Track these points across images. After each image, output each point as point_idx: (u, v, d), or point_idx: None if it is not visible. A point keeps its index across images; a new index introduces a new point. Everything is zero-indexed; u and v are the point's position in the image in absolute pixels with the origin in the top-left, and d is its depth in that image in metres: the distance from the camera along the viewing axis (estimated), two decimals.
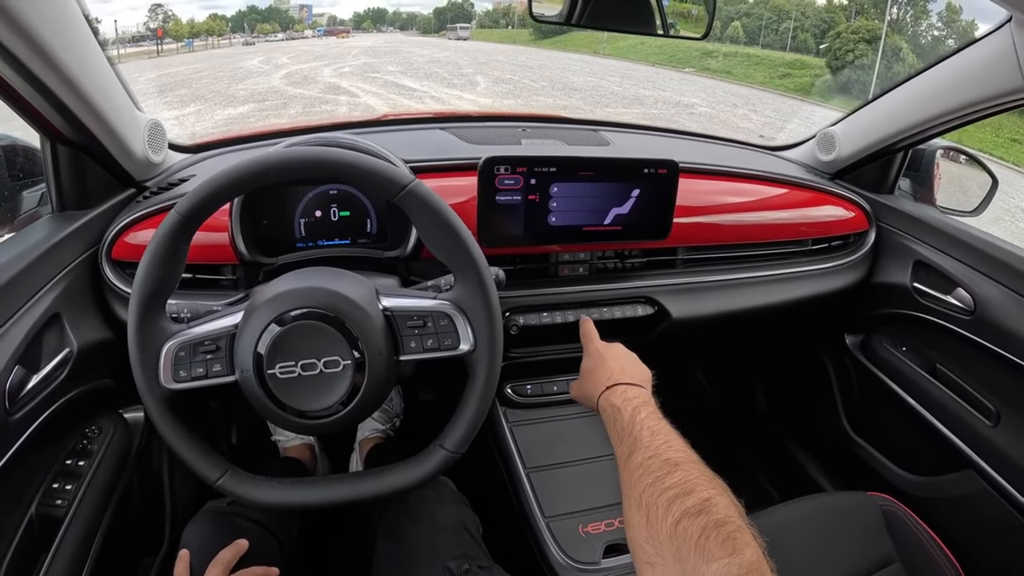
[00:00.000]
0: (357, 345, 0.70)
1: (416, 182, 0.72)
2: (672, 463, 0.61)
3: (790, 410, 1.74)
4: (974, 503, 1.15)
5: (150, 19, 57.76)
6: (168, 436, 0.72)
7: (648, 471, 0.61)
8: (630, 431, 0.69)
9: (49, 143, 0.94)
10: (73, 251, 0.95)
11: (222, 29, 63.36)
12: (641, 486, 0.60)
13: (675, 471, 0.59)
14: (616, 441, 0.71)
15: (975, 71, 1.06)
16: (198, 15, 67.81)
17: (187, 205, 0.69)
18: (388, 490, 0.75)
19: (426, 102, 15.48)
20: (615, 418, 0.73)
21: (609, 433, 0.74)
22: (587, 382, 0.86)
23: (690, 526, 0.52)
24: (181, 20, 61.35)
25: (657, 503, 0.56)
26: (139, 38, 47.15)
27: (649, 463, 0.62)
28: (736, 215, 1.24)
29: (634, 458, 0.64)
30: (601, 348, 0.91)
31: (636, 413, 0.71)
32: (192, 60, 28.42)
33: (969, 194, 1.37)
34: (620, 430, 0.71)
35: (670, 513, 0.54)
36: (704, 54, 34.01)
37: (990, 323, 1.11)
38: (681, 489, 0.56)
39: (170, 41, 45.86)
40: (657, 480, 0.59)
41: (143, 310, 0.70)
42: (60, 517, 0.90)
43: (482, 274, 0.74)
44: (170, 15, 59.43)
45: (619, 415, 0.73)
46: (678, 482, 0.57)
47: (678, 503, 0.55)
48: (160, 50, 38.44)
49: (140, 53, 35.64)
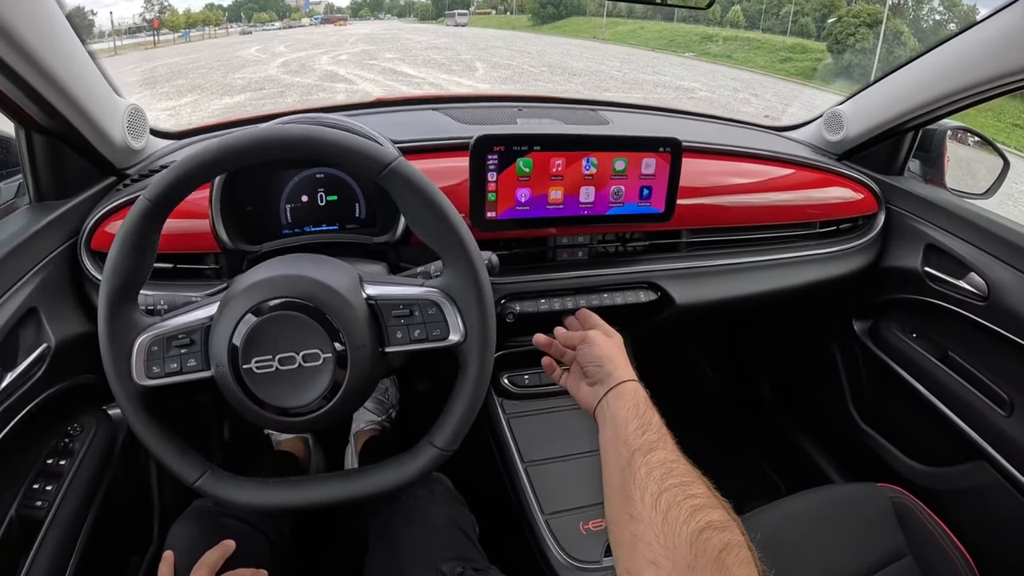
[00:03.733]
0: (339, 337, 0.66)
1: (400, 160, 0.68)
2: (695, 476, 0.60)
3: (797, 399, 1.72)
4: (986, 495, 1.12)
5: (146, 10, 57.60)
6: (142, 435, 0.69)
7: (672, 473, 0.59)
8: (658, 428, 0.67)
9: (24, 131, 0.91)
10: (51, 243, 0.92)
11: (219, 19, 63.10)
12: (664, 484, 0.58)
13: (699, 484, 0.59)
14: (636, 429, 0.67)
15: (989, 47, 1.02)
16: (194, 5, 67.41)
17: (155, 190, 0.65)
18: (376, 490, 0.72)
19: (424, 88, 15.39)
20: (644, 408, 0.70)
21: (623, 417, 0.70)
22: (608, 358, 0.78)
23: (712, 538, 0.51)
24: (177, 11, 61.08)
25: (680, 506, 0.55)
26: (135, 29, 46.87)
27: (673, 467, 0.60)
28: (741, 196, 1.20)
29: (657, 455, 0.62)
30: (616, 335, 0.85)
31: (658, 416, 0.69)
32: (189, 50, 28.25)
33: (978, 177, 1.34)
34: (647, 422, 0.68)
35: (693, 520, 0.53)
36: (704, 38, 33.87)
37: (1004, 309, 1.08)
38: (706, 502, 0.55)
39: (167, 32, 45.60)
40: (683, 485, 0.57)
41: (113, 303, 0.67)
42: (40, 518, 0.88)
43: (472, 259, 0.70)
44: (166, 5, 59.29)
45: (651, 410, 0.70)
46: (702, 495, 0.57)
47: (702, 514, 0.54)
48: (157, 41, 38.25)
49: (137, 45, 35.48)
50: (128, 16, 57.59)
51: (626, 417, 0.70)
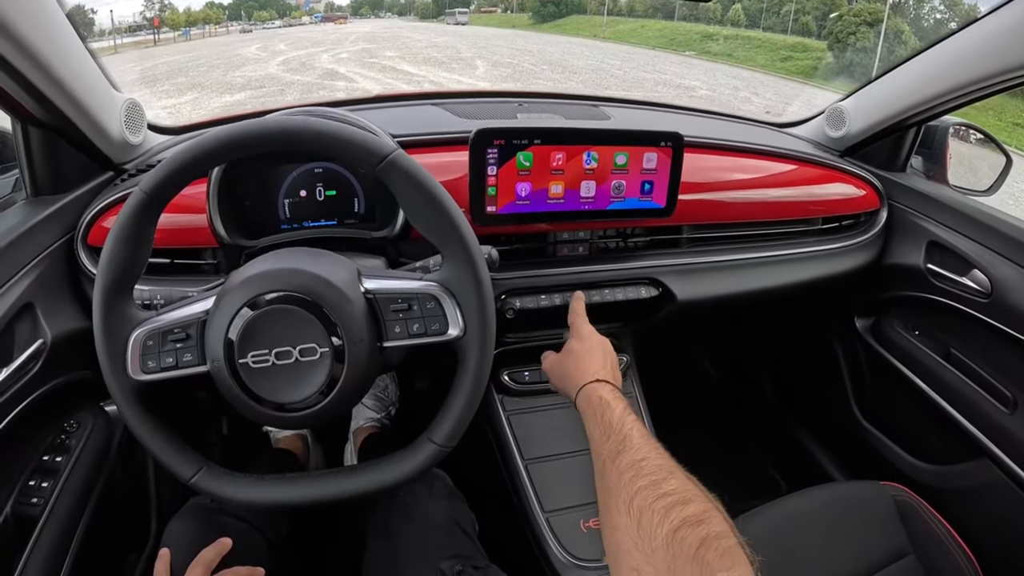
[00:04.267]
0: (336, 331, 0.65)
1: (398, 152, 0.67)
2: (666, 469, 0.58)
3: (799, 397, 1.71)
4: (990, 493, 1.11)
5: (146, 8, 57.52)
6: (137, 430, 0.68)
7: (641, 473, 0.58)
8: (619, 428, 0.66)
9: (20, 125, 0.90)
10: (47, 237, 0.91)
11: (219, 17, 63.11)
12: (633, 488, 0.57)
13: (670, 478, 0.57)
14: (600, 436, 0.67)
15: (991, 43, 1.01)
16: (195, 3, 67.39)
17: (150, 183, 0.64)
18: (373, 487, 0.71)
19: (424, 87, 15.36)
20: (602, 412, 0.70)
21: (589, 426, 0.71)
22: (573, 365, 0.82)
23: (688, 535, 0.50)
24: (178, 9, 61.08)
25: (653, 508, 0.53)
26: (136, 28, 46.81)
27: (642, 465, 0.59)
28: (743, 192, 1.19)
29: (623, 458, 0.61)
30: (595, 335, 0.87)
31: (626, 413, 0.68)
32: (189, 49, 28.23)
33: (979, 174, 1.33)
34: (607, 426, 0.67)
35: (667, 520, 0.52)
36: (705, 37, 33.83)
37: (1008, 306, 1.07)
38: (679, 497, 0.54)
39: (167, 30, 45.58)
40: (653, 484, 0.56)
41: (108, 297, 0.66)
42: (36, 515, 0.87)
43: (471, 252, 0.69)
44: (167, 4, 59.23)
45: (608, 410, 0.70)
46: (675, 489, 0.55)
47: (676, 511, 0.52)
48: (157, 40, 38.23)
49: (137, 43, 35.45)
50: (128, 14, 57.54)
51: (591, 426, 0.70)
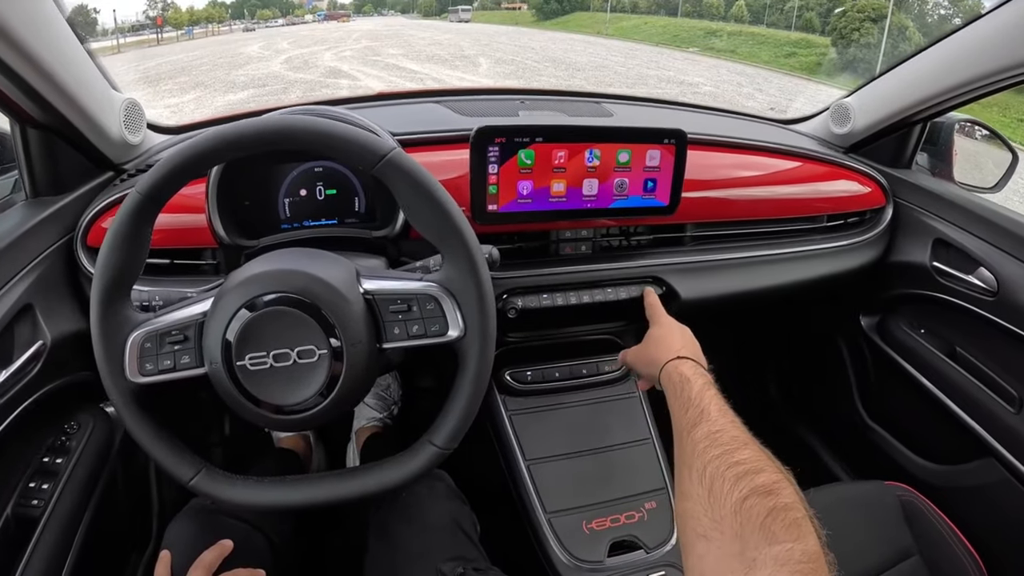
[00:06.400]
0: (334, 332, 0.65)
1: (397, 151, 0.66)
2: (741, 441, 0.60)
3: (803, 395, 1.70)
4: (995, 493, 1.10)
5: (149, 7, 57.61)
6: (136, 433, 0.68)
7: (715, 443, 0.60)
8: (698, 403, 0.68)
9: (19, 126, 0.90)
10: (47, 238, 0.91)
11: (222, 16, 63.22)
12: (707, 457, 0.58)
13: (744, 449, 0.58)
14: (679, 410, 0.70)
15: (999, 37, 0.99)
16: (197, 2, 67.53)
17: (147, 184, 0.64)
18: (373, 489, 0.70)
19: (428, 84, 15.36)
20: (682, 387, 0.73)
21: (671, 401, 0.74)
22: (654, 347, 0.87)
23: (756, 505, 0.51)
24: (180, 8, 61.13)
25: (724, 476, 0.55)
26: (139, 27, 47.02)
27: (717, 436, 0.61)
28: (747, 189, 1.18)
29: (700, 429, 0.63)
30: (673, 321, 0.93)
31: (705, 388, 0.71)
32: (192, 48, 28.27)
33: (985, 171, 1.31)
34: (687, 400, 0.70)
35: (737, 488, 0.53)
36: (708, 34, 33.76)
37: (1014, 305, 1.05)
38: (751, 467, 0.55)
39: (170, 29, 45.68)
40: (726, 453, 0.58)
41: (105, 299, 0.66)
42: (36, 517, 0.87)
43: (472, 252, 0.68)
44: (169, 3, 59.27)
45: (688, 385, 0.73)
46: (747, 459, 0.56)
47: (747, 480, 0.53)
48: (160, 39, 38.32)
49: (140, 42, 35.53)
50: (131, 14, 57.66)
51: (672, 400, 0.74)
